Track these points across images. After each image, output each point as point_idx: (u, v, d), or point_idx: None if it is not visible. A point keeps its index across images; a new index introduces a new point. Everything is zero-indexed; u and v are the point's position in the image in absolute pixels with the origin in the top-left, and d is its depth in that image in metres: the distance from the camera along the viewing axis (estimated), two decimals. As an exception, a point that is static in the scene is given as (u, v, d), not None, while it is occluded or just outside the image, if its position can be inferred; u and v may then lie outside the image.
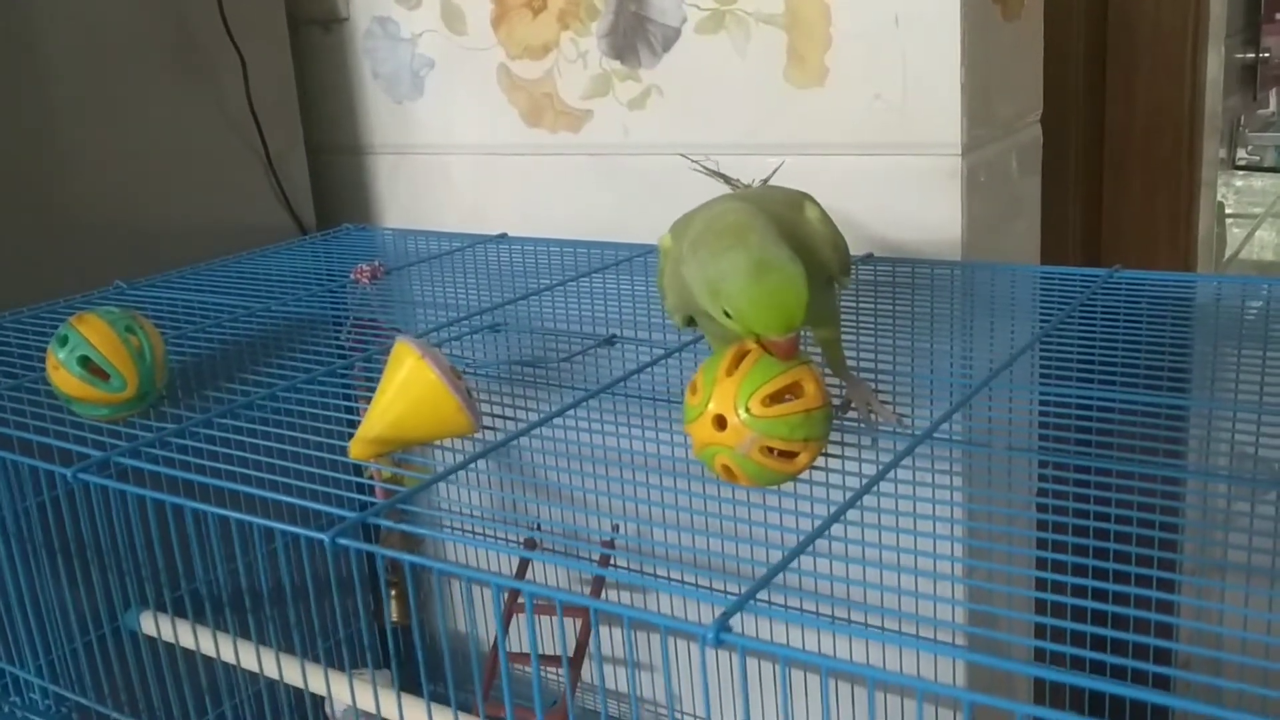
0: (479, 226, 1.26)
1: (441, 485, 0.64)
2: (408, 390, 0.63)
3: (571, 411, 0.74)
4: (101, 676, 0.92)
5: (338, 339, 0.97)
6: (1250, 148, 1.77)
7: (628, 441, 0.73)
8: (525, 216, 1.25)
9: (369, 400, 0.65)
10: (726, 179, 0.84)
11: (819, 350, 0.71)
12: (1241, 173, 1.86)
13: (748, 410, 0.53)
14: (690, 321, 0.68)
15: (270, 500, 0.62)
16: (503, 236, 1.20)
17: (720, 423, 0.55)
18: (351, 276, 1.07)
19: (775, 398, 0.54)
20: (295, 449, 0.66)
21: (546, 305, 0.97)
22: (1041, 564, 0.55)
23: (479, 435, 0.66)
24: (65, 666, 0.88)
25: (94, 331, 0.73)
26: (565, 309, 0.96)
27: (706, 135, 1.11)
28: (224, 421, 0.72)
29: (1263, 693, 0.40)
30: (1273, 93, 1.92)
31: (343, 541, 0.56)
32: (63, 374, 0.73)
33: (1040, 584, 0.50)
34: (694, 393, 0.56)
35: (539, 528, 1.02)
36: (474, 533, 1.11)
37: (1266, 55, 1.79)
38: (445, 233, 1.25)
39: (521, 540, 1.07)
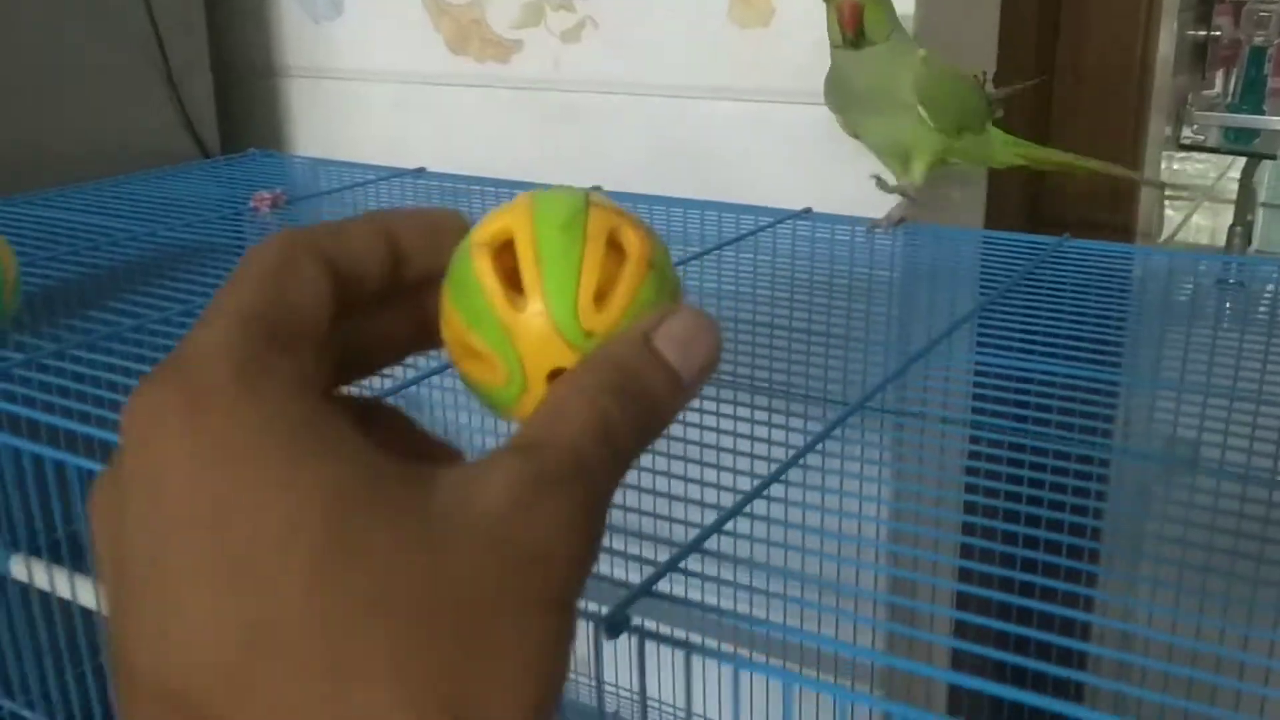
0: (396, 159, 1.17)
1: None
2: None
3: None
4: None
5: (229, 270, 0.89)
6: (1195, 127, 1.75)
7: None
8: (446, 151, 1.16)
9: None
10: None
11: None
12: (1181, 154, 1.84)
13: (585, 333, 0.26)
14: (853, 129, 0.87)
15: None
16: (420, 171, 1.12)
17: (558, 374, 0.29)
18: (250, 204, 0.99)
19: (601, 291, 0.27)
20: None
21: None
22: (969, 529, 0.50)
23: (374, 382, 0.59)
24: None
25: (-66, 245, 0.64)
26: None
27: (643, 73, 1.04)
28: (78, 354, 0.64)
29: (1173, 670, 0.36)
30: (1220, 73, 1.89)
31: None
32: (-105, 292, 0.64)
33: (966, 552, 0.46)
34: (485, 365, 0.27)
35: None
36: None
37: (1218, 34, 1.76)
38: (359, 164, 1.17)
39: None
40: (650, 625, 0.38)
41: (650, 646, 0.37)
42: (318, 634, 0.19)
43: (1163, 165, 1.68)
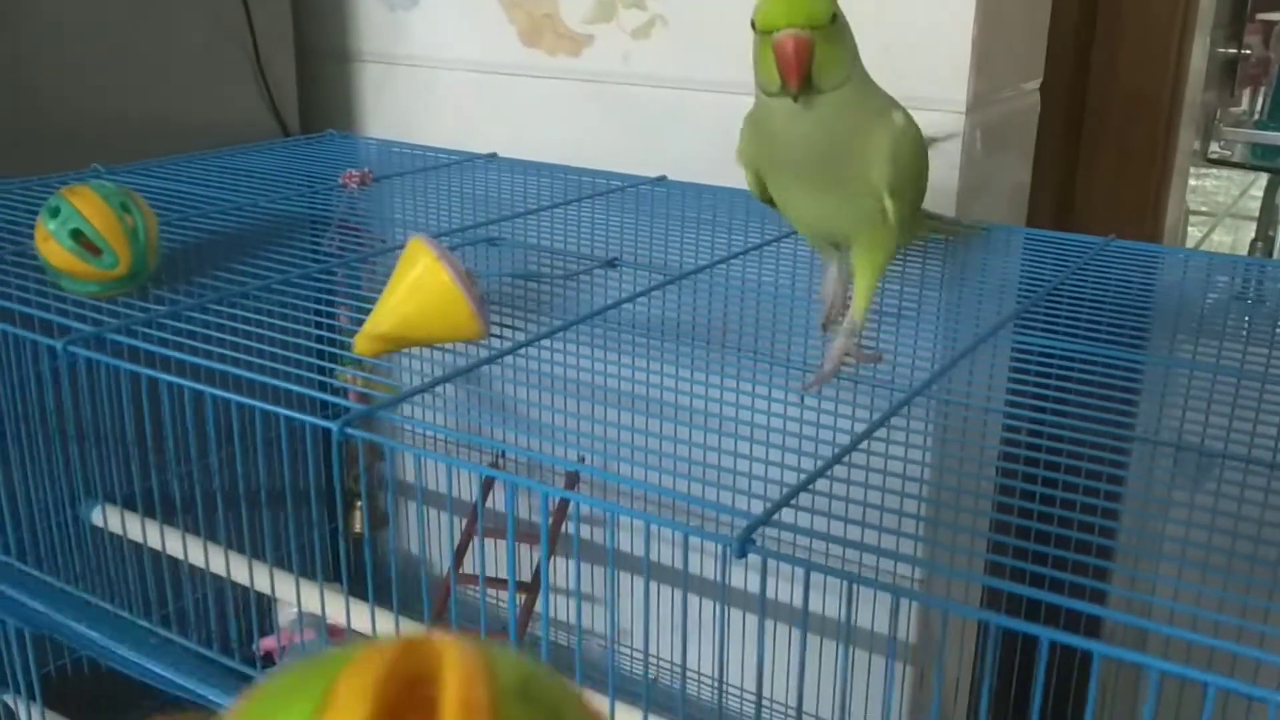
0: (465, 145, 1.24)
1: (426, 401, 0.64)
2: (420, 290, 0.62)
3: (565, 334, 0.73)
4: (59, 562, 0.91)
5: (318, 241, 0.95)
6: (1223, 142, 1.80)
7: (623, 370, 0.73)
8: (514, 139, 1.23)
9: (350, 302, 0.64)
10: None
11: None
12: (1207, 169, 1.89)
13: None
14: (764, 195, 0.69)
15: (263, 387, 0.61)
16: (493, 156, 1.18)
17: None
18: (340, 180, 1.05)
19: None
20: (293, 339, 0.65)
21: (545, 224, 0.96)
22: (1005, 508, 0.55)
23: (485, 342, 0.66)
24: (26, 547, 0.86)
25: (88, 205, 0.71)
26: (564, 231, 0.95)
27: (710, 71, 1.10)
28: (217, 308, 0.71)
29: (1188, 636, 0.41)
30: (1248, 91, 1.95)
31: (351, 431, 0.55)
32: (53, 246, 0.71)
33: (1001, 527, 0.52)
34: None
35: (502, 455, 1.02)
36: (448, 446, 1.11)
37: (1248, 53, 1.81)
38: (432, 147, 1.23)
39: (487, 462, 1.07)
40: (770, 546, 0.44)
41: (771, 564, 0.44)
42: None
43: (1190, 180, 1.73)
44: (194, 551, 0.80)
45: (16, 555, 0.85)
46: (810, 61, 0.57)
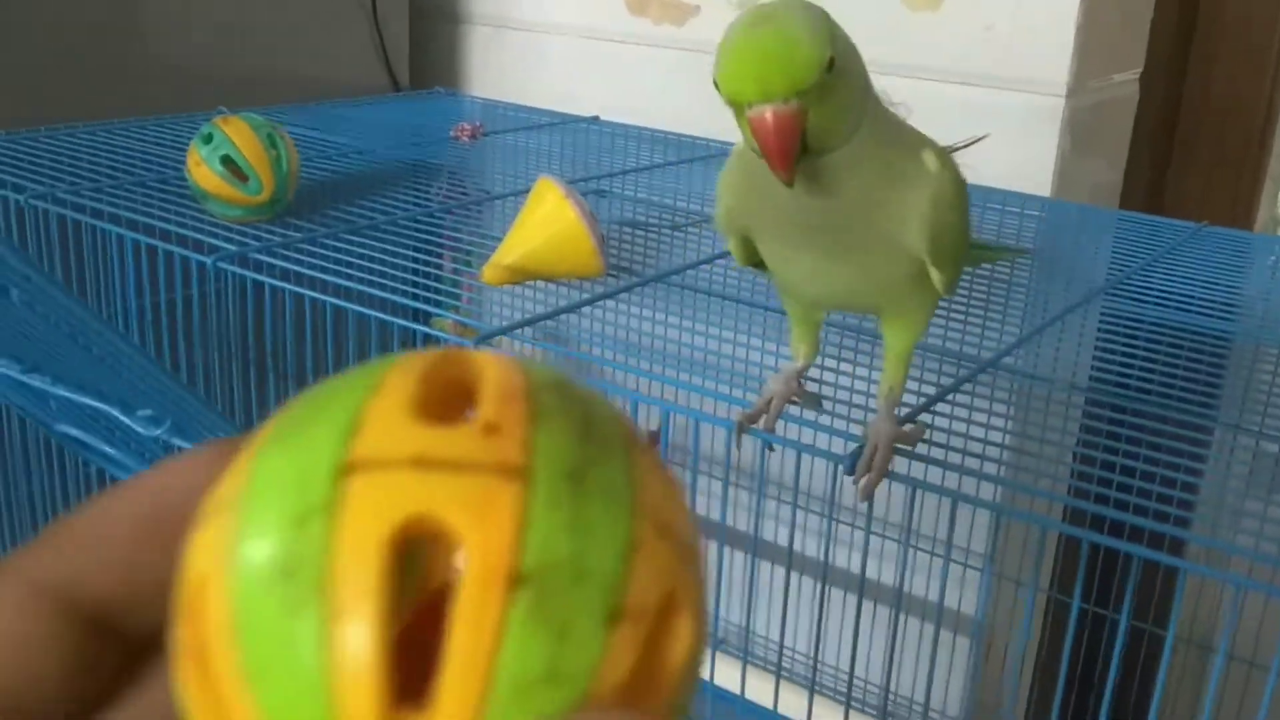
0: (568, 108, 1.28)
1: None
2: (547, 225, 0.66)
3: (644, 290, 0.77)
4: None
5: (429, 187, 1.00)
6: (1317, 150, 1.79)
7: (710, 331, 0.76)
8: (616, 105, 1.27)
9: (460, 246, 0.68)
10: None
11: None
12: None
13: None
14: (752, 258, 0.52)
15: (403, 307, 0.65)
16: (595, 119, 1.22)
17: None
18: (452, 133, 1.10)
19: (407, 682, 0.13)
20: (427, 268, 0.70)
21: (647, 181, 1.00)
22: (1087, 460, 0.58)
23: (602, 279, 0.70)
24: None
25: (238, 134, 0.76)
26: (672, 190, 0.99)
27: (813, 46, 1.13)
28: (350, 237, 0.76)
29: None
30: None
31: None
32: (204, 170, 0.76)
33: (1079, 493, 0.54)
34: None
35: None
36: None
37: (1349, 58, 1.79)
38: (535, 108, 1.28)
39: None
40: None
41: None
42: None
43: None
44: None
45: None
46: (799, 139, 0.41)
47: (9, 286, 0.39)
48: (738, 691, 0.64)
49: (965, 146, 0.65)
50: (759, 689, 0.67)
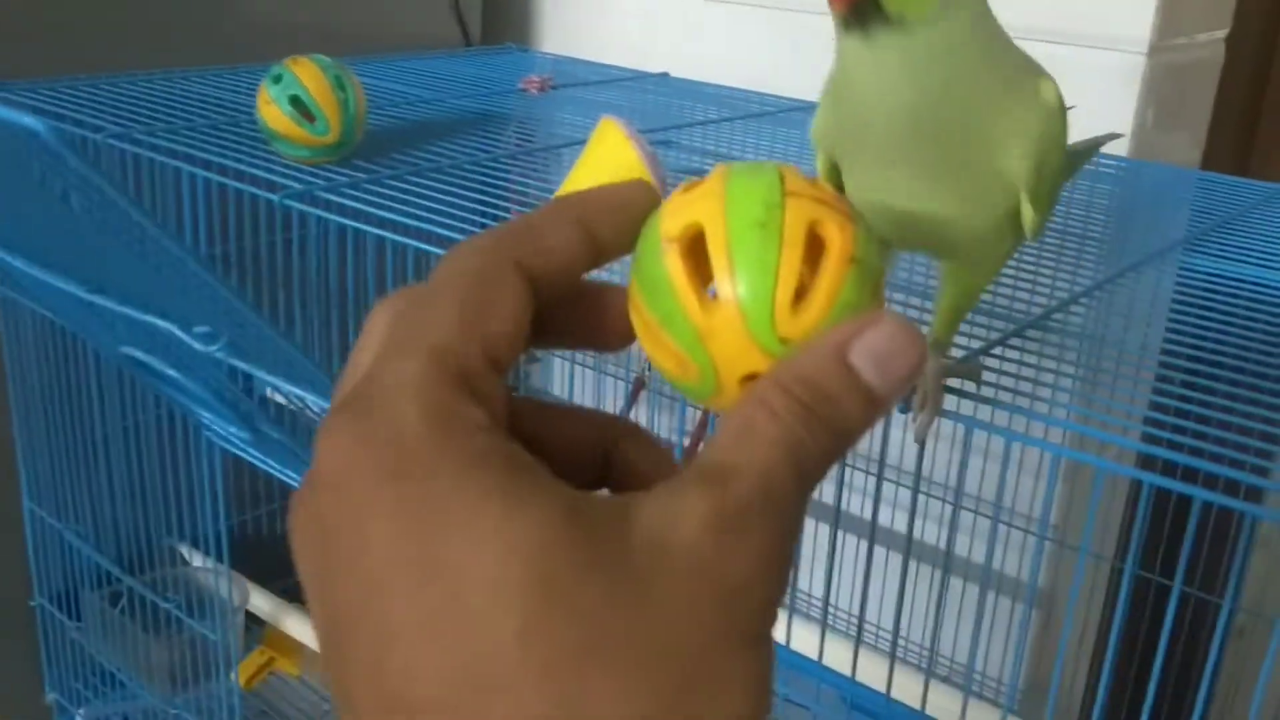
0: (637, 65, 1.27)
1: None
2: (606, 164, 0.66)
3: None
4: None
5: (499, 136, 1.00)
6: None
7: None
8: (687, 62, 1.26)
9: (525, 191, 0.67)
10: None
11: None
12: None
13: (780, 340, 0.25)
14: (834, 171, 0.48)
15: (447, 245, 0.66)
16: (664, 76, 1.21)
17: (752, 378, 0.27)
18: (520, 85, 1.10)
19: (799, 292, 0.25)
20: (494, 210, 0.70)
21: (713, 135, 0.99)
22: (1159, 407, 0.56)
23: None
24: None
25: (307, 74, 0.77)
26: (740, 144, 0.98)
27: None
28: (414, 179, 0.76)
29: None
30: None
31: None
32: (273, 110, 0.77)
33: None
34: (676, 361, 0.26)
35: (648, 367, 1.06)
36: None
37: None
38: (606, 64, 1.27)
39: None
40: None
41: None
42: (536, 677, 0.20)
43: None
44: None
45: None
46: None
47: (69, 191, 0.40)
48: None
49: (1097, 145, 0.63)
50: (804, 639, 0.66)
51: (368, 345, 0.24)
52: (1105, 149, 0.99)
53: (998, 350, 0.55)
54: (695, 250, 0.25)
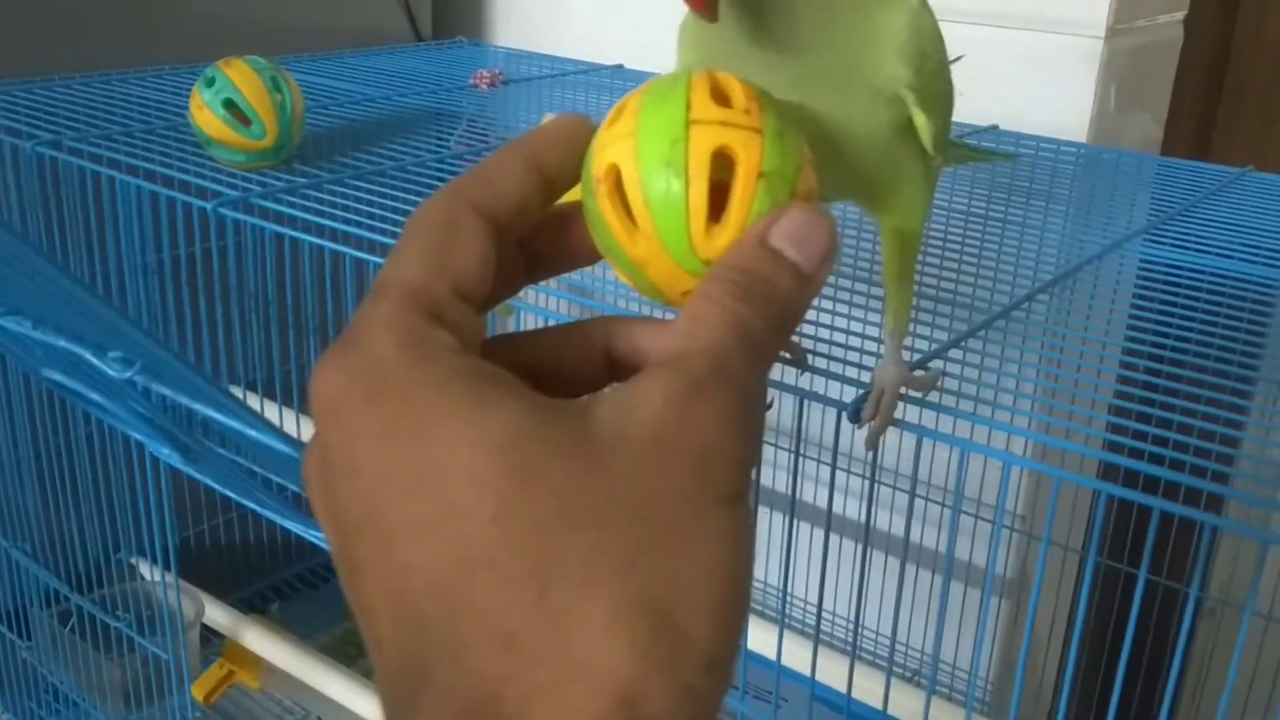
0: (592, 58, 1.25)
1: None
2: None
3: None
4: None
5: (447, 134, 0.98)
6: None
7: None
8: (643, 52, 1.24)
9: None
10: None
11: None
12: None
13: (704, 263, 0.27)
14: None
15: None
16: (619, 68, 1.19)
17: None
18: (471, 80, 1.08)
19: (715, 210, 0.27)
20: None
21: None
22: (1123, 396, 0.55)
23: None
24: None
25: (241, 77, 0.74)
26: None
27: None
28: (355, 183, 0.74)
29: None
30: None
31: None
32: (206, 114, 0.74)
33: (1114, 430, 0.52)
34: (628, 280, 0.29)
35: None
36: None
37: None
38: (558, 57, 1.25)
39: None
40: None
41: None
42: (514, 548, 0.22)
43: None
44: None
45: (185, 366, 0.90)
46: None
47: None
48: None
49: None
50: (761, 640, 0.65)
51: None
52: (1064, 135, 0.98)
53: (955, 351, 0.53)
54: (621, 186, 0.27)
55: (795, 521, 0.56)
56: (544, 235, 0.30)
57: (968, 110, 1.00)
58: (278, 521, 0.64)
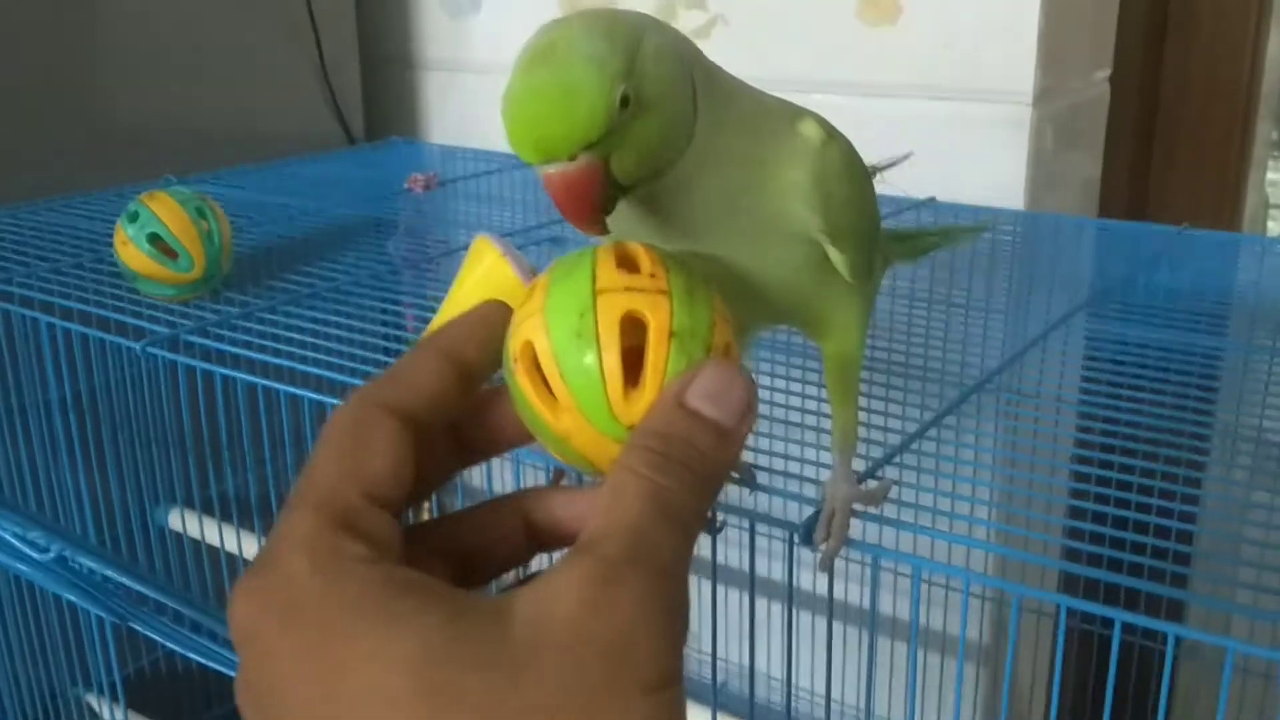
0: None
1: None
2: (485, 286, 0.62)
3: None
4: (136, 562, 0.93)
5: (384, 244, 0.97)
6: (1301, 132, 1.75)
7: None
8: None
9: (416, 303, 0.65)
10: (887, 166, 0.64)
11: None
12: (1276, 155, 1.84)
13: (626, 428, 0.28)
14: None
15: (332, 385, 0.62)
16: (555, 159, 1.19)
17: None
18: (406, 184, 1.07)
19: (630, 374, 0.28)
20: (360, 338, 0.66)
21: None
22: (1079, 493, 0.54)
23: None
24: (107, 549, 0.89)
25: (165, 209, 0.73)
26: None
27: (771, 70, 1.10)
28: (288, 309, 0.72)
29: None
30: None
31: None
32: (131, 250, 0.73)
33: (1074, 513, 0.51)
34: (557, 454, 0.30)
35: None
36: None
37: (1326, 39, 1.76)
38: (495, 152, 1.24)
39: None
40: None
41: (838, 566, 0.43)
42: None
43: (1268, 173, 1.69)
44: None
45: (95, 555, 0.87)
46: (598, 191, 0.33)
47: None
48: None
49: (892, 166, 0.60)
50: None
51: None
52: (1000, 203, 0.98)
53: (909, 455, 0.52)
54: (538, 362, 0.28)
55: (754, 598, 0.54)
56: (474, 420, 0.30)
57: (905, 183, 1.01)
58: (225, 672, 0.62)
